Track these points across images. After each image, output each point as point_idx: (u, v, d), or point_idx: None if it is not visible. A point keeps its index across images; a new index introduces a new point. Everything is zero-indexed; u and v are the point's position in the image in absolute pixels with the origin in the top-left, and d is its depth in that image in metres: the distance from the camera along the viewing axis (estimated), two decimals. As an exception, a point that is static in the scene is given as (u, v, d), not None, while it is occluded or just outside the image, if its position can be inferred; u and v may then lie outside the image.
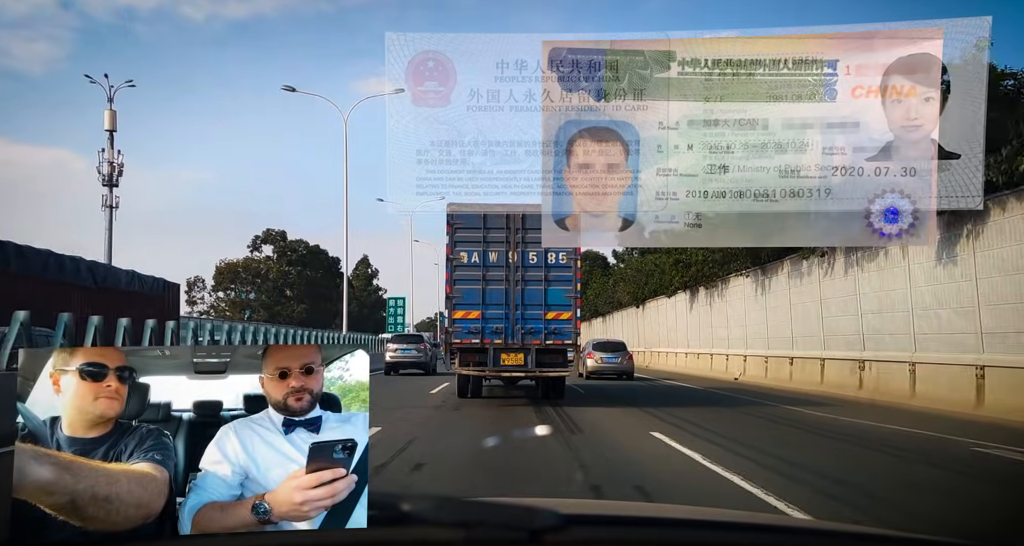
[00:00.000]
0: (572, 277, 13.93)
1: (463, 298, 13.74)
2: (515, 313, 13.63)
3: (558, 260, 13.84)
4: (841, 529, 1.63)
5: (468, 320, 13.75)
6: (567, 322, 13.76)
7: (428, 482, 5.89)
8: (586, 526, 1.30)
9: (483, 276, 13.80)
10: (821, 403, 14.57)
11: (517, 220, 14.02)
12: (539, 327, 13.66)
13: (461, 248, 13.89)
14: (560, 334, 13.69)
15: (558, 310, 13.71)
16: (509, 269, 13.78)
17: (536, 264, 13.80)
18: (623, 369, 24.45)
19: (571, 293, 13.84)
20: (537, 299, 13.75)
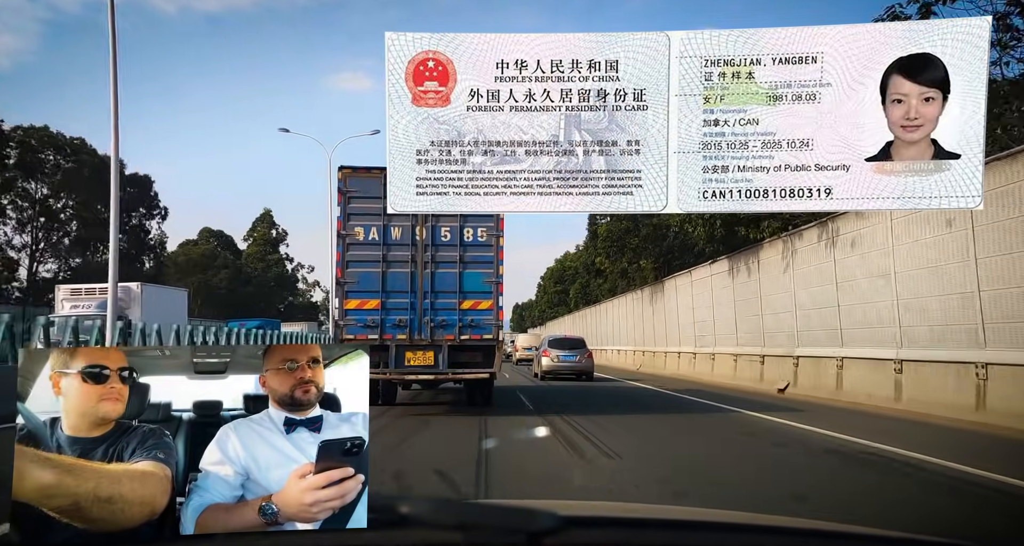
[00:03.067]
0: (494, 258, 11.44)
1: (358, 284, 11.26)
2: (423, 302, 11.19)
3: (476, 237, 11.43)
4: (841, 530, 1.63)
5: (364, 311, 11.24)
6: (487, 313, 11.32)
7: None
8: (584, 528, 1.30)
9: (383, 256, 11.32)
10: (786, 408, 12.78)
11: None
12: (452, 319, 11.22)
13: (356, 222, 11.38)
14: (478, 327, 11.26)
15: (476, 298, 11.32)
16: (416, 248, 11.34)
17: (449, 242, 11.39)
18: (581, 368, 22.20)
19: (492, 277, 11.39)
20: (450, 285, 11.32)
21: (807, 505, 5.24)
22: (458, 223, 11.35)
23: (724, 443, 9.29)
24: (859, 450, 8.29)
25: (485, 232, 11.48)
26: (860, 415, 11.97)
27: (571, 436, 9.14)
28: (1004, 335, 10.47)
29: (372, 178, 11.22)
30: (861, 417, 11.70)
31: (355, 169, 11.55)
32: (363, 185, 11.34)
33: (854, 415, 11.99)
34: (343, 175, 11.50)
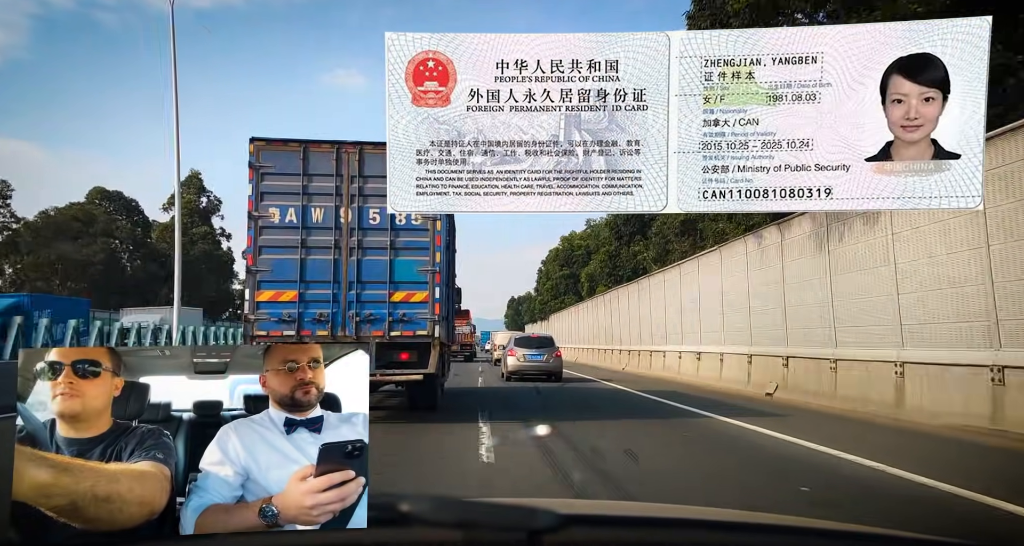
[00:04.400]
0: (430, 243, 10.21)
1: (272, 272, 9.95)
2: (348, 293, 9.99)
3: (410, 219, 10.20)
4: (841, 529, 1.62)
5: (279, 303, 9.97)
6: (421, 306, 10.09)
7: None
8: (584, 526, 1.30)
9: (302, 241, 10.06)
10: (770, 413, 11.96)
11: (352, 162, 10.19)
12: (381, 313, 10.04)
13: (270, 201, 10.05)
14: (411, 322, 10.04)
15: (409, 289, 10.09)
16: (340, 232, 10.12)
17: (379, 225, 10.20)
18: (549, 369, 21.35)
19: (427, 266, 10.17)
20: (380, 274, 10.11)
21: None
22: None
23: (669, 447, 8.78)
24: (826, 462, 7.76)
25: (420, 214, 9.91)
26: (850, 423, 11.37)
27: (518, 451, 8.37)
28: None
29: (290, 151, 10.06)
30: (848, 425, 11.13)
31: (269, 141, 10.12)
32: (279, 160, 10.05)
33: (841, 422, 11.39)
34: (255, 148, 10.04)
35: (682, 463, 7.77)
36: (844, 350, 13.55)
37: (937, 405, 10.73)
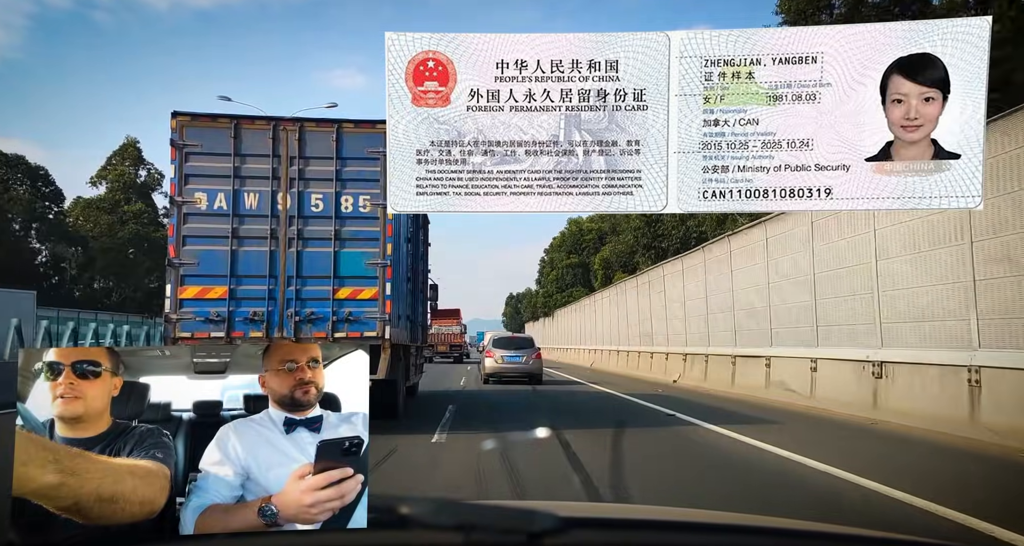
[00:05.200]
0: (380, 234, 9.07)
1: (199, 266, 8.79)
2: (286, 290, 8.86)
3: (357, 207, 9.07)
4: (842, 532, 1.62)
5: (206, 301, 8.81)
6: (369, 303, 8.97)
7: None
8: (585, 529, 1.30)
9: (233, 231, 8.87)
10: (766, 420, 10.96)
11: (292, 141, 9.02)
12: (325, 312, 8.92)
13: (197, 185, 8.88)
14: (358, 322, 8.94)
15: (356, 285, 9.00)
16: (278, 220, 8.96)
17: (322, 212, 9.04)
18: (528, 370, 20.06)
19: (377, 259, 9.03)
20: (323, 268, 8.98)
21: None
22: (333, 189, 9.01)
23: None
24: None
25: (369, 201, 9.04)
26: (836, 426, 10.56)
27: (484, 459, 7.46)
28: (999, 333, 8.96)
29: (220, 129, 8.93)
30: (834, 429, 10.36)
31: (195, 116, 8.99)
32: (207, 137, 8.90)
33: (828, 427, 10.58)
34: (178, 124, 8.89)
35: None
36: (824, 350, 13.38)
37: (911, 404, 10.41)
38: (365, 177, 9.13)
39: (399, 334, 9.96)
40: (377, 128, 8.84)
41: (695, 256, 21.54)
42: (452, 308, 39.09)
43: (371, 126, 9.17)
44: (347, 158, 9.13)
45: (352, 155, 9.12)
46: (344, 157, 9.12)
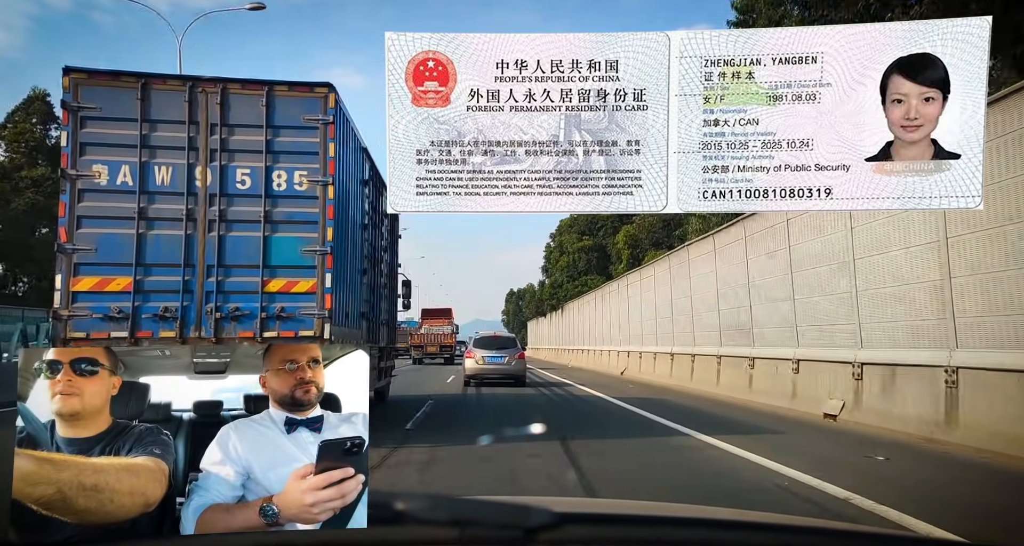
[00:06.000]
0: (319, 216, 7.67)
1: (97, 252, 7.31)
2: (205, 281, 7.47)
3: (292, 184, 7.67)
4: (840, 528, 1.63)
5: (106, 295, 7.31)
6: (307, 297, 7.59)
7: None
8: (580, 524, 1.30)
9: (140, 211, 7.41)
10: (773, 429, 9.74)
11: (213, 105, 7.61)
12: (252, 307, 7.49)
13: (96, 156, 7.39)
14: (292, 319, 7.55)
15: (290, 276, 7.59)
16: (196, 199, 7.53)
17: (249, 190, 7.60)
18: (511, 372, 18.87)
19: (316, 245, 7.63)
20: (250, 256, 7.55)
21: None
22: (263, 162, 7.61)
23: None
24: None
25: (306, 177, 7.67)
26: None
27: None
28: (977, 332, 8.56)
29: (123, 89, 7.44)
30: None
31: (94, 73, 7.47)
32: (109, 99, 7.41)
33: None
34: (72, 82, 7.38)
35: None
36: (805, 350, 12.95)
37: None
38: (301, 149, 7.76)
39: (345, 333, 8.73)
40: (316, 92, 7.84)
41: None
42: (443, 308, 38.21)
43: (308, 89, 7.88)
44: (280, 126, 7.73)
45: (286, 123, 7.74)
46: (276, 125, 7.71)
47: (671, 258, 21.67)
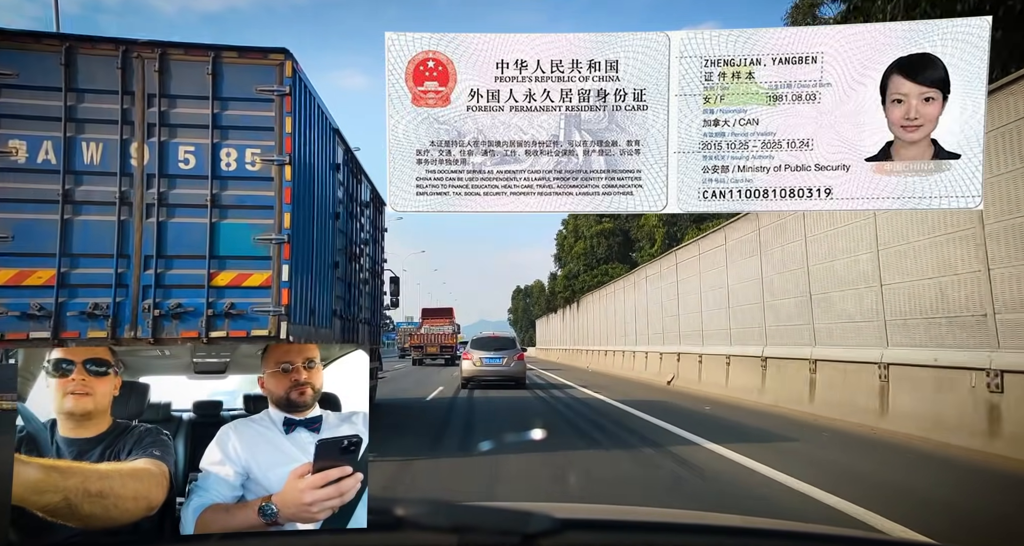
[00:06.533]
0: (275, 198, 6.76)
1: (14, 240, 6.47)
2: (142, 274, 6.60)
3: (243, 163, 6.79)
4: (839, 534, 1.62)
5: (25, 289, 6.50)
6: (260, 292, 6.72)
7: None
8: (580, 530, 1.30)
9: (65, 194, 6.56)
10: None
11: (151, 73, 6.69)
12: (197, 303, 6.62)
13: (12, 130, 6.52)
14: (243, 317, 6.67)
15: (241, 267, 6.74)
16: (131, 181, 6.63)
17: (194, 170, 6.73)
18: (510, 373, 17.94)
19: (271, 233, 6.72)
20: (194, 245, 6.70)
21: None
22: (209, 139, 6.72)
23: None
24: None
25: (259, 156, 6.75)
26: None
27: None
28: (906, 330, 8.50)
29: (46, 53, 6.57)
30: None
31: (8, 33, 6.61)
32: (28, 65, 6.56)
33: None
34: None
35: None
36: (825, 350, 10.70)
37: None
38: (254, 124, 6.84)
39: (310, 333, 7.79)
40: (270, 59, 6.83)
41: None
42: (444, 307, 37.30)
43: (262, 56, 6.89)
44: (229, 98, 6.82)
45: (236, 94, 6.84)
46: (224, 97, 6.80)
47: (728, 231, 15.77)
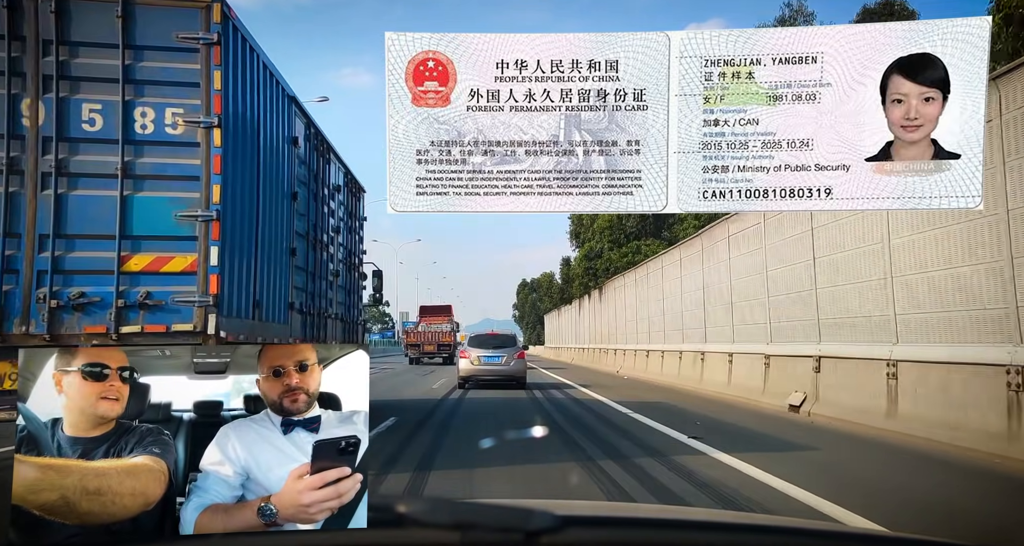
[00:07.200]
0: (202, 167, 5.69)
1: None
2: (36, 257, 5.51)
3: (163, 125, 5.67)
4: (840, 530, 1.63)
5: None
6: (183, 279, 5.65)
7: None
8: (582, 527, 1.30)
9: None
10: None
11: (45, 14, 5.56)
12: (104, 292, 5.53)
13: None
14: (162, 309, 5.59)
15: (161, 249, 5.65)
16: (23, 144, 5.55)
17: (101, 132, 5.60)
18: (509, 373, 16.96)
19: (197, 208, 5.66)
20: (102, 222, 5.59)
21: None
22: (120, 95, 5.58)
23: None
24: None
25: (182, 117, 5.68)
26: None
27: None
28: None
29: None
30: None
31: None
32: None
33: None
34: None
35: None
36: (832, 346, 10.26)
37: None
38: (176, 79, 5.74)
39: (252, 328, 6.59)
40: (194, 1, 5.77)
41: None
42: (443, 305, 36.62)
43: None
44: (144, 47, 5.65)
45: (153, 42, 5.69)
46: (138, 45, 5.63)
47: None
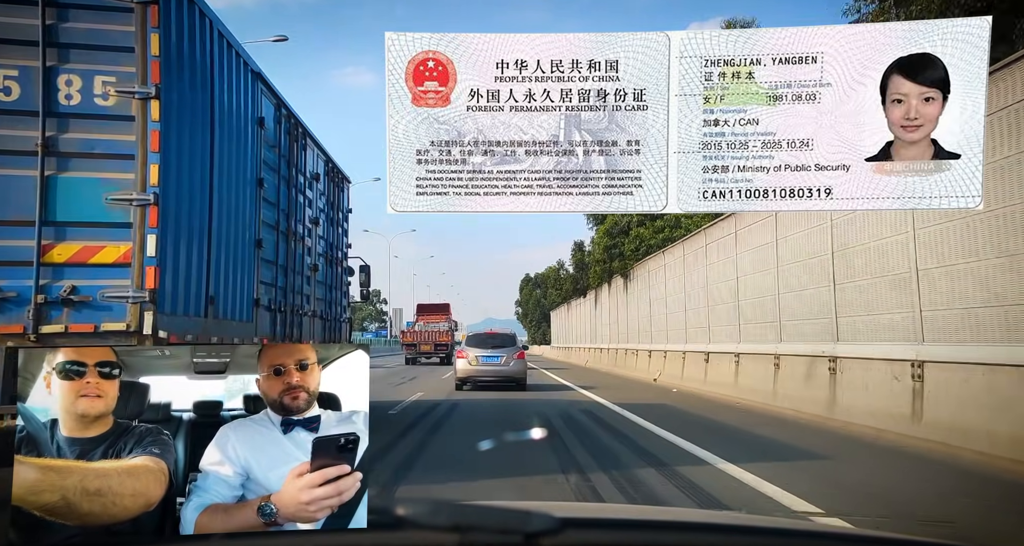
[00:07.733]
0: (137, 144, 4.97)
1: None
2: None
3: (91, 95, 4.97)
4: (840, 532, 1.62)
5: None
6: (115, 270, 4.97)
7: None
8: (582, 529, 1.30)
9: None
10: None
11: None
12: (22, 288, 4.86)
13: None
14: (90, 306, 4.92)
15: (89, 237, 5.00)
16: None
17: (16, 103, 4.91)
18: (509, 374, 16.21)
19: (131, 191, 4.96)
20: (19, 206, 4.91)
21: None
22: (39, 61, 4.90)
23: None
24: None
25: (113, 86, 4.99)
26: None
27: None
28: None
29: None
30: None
31: None
32: None
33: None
34: None
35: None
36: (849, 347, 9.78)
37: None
38: (107, 42, 5.05)
39: (202, 327, 5.94)
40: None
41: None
42: (440, 303, 35.82)
43: None
44: (69, 4, 5.02)
45: (80, 0, 5.07)
46: (62, 2, 5.00)
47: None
